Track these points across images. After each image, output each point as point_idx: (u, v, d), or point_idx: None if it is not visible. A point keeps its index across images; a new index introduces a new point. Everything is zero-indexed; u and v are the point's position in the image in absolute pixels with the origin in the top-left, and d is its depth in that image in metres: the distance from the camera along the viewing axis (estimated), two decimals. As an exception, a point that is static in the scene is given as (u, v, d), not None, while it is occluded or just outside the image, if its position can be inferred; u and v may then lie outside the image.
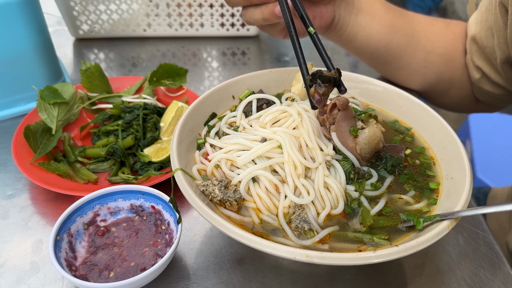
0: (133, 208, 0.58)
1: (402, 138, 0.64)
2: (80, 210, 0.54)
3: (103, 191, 0.56)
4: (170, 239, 0.54)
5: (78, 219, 0.54)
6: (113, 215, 0.57)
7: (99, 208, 0.56)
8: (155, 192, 0.56)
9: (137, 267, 0.51)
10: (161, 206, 0.56)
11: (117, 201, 0.57)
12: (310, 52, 1.12)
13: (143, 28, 1.10)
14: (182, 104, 0.75)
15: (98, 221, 0.56)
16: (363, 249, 0.47)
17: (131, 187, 0.57)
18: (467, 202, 0.49)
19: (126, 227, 0.56)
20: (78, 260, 0.52)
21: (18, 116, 0.81)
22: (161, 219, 0.56)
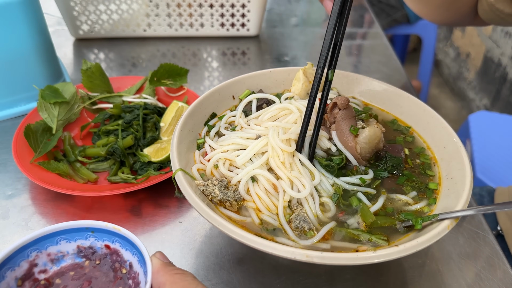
0: (81, 251, 0.45)
1: (403, 138, 0.64)
2: (10, 261, 0.40)
3: (38, 233, 0.42)
4: (135, 285, 0.42)
5: (8, 274, 0.40)
6: (56, 263, 0.44)
7: (36, 256, 0.43)
8: (108, 227, 0.43)
9: None
10: (118, 244, 0.44)
11: (59, 244, 0.44)
12: (310, 52, 1.12)
13: (143, 28, 1.10)
14: (182, 104, 0.75)
15: (36, 273, 0.43)
16: (363, 249, 0.47)
17: (75, 223, 0.43)
18: (467, 202, 0.49)
19: (74, 277, 0.44)
20: None
21: (18, 116, 0.81)
22: (120, 261, 0.44)
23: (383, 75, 1.03)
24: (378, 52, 1.13)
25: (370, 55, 1.12)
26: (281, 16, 1.30)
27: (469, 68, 2.56)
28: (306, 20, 1.31)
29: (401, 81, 1.01)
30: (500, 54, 2.22)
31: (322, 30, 1.25)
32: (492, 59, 2.30)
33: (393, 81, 1.00)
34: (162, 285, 0.38)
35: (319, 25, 1.29)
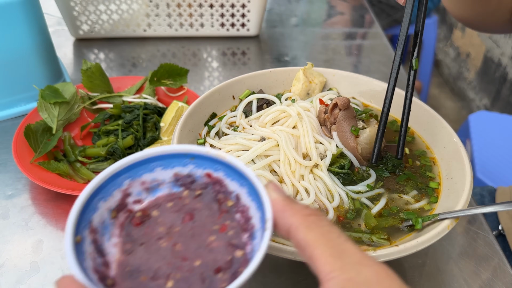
0: (179, 179, 0.39)
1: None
2: (102, 190, 0.35)
3: (131, 159, 0.36)
4: (245, 220, 0.35)
5: (101, 205, 0.35)
6: (151, 193, 0.38)
7: (129, 185, 0.37)
8: (211, 154, 0.36)
9: (207, 268, 0.32)
10: (221, 173, 0.37)
11: (154, 172, 0.38)
12: (310, 52, 1.12)
13: (143, 28, 1.10)
14: (182, 104, 0.75)
15: (130, 204, 0.37)
16: (363, 249, 0.47)
17: (172, 148, 0.37)
18: (467, 201, 0.49)
19: (173, 208, 0.37)
20: (112, 266, 0.33)
21: (18, 116, 0.81)
22: (225, 192, 0.38)
23: (383, 75, 1.03)
24: (378, 52, 1.13)
25: (370, 55, 1.12)
26: (281, 16, 1.30)
27: (469, 68, 2.56)
28: (306, 20, 1.31)
29: (401, 81, 1.01)
30: (500, 54, 2.22)
31: (322, 30, 1.25)
32: (492, 59, 2.30)
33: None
34: (294, 228, 0.29)
35: (319, 25, 1.29)
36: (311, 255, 0.28)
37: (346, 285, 0.25)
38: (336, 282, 0.26)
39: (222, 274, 0.32)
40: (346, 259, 0.27)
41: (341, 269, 0.26)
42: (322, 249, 0.27)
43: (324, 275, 0.27)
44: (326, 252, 0.27)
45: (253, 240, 0.34)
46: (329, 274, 0.26)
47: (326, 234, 0.28)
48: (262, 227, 0.32)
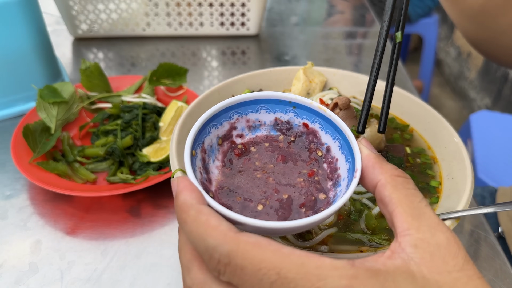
0: (278, 124, 0.42)
1: (400, 135, 0.64)
2: (215, 119, 0.40)
3: (242, 97, 0.40)
4: (332, 171, 0.39)
5: (212, 131, 0.40)
6: (252, 131, 0.42)
7: (237, 120, 0.42)
8: (313, 106, 0.40)
9: (291, 202, 0.36)
10: (318, 124, 0.41)
11: (259, 113, 0.42)
12: (310, 52, 1.12)
13: (142, 27, 1.10)
14: (181, 103, 0.75)
15: (234, 136, 0.42)
16: (364, 249, 0.47)
17: (279, 95, 0.41)
18: (468, 202, 0.49)
19: (269, 148, 0.41)
20: (213, 184, 0.38)
21: (17, 116, 0.81)
22: (317, 143, 0.41)
23: (383, 74, 1.02)
24: (378, 51, 1.12)
25: (370, 54, 1.12)
26: (281, 15, 1.30)
27: (470, 68, 2.56)
28: (306, 19, 1.30)
29: (402, 81, 1.00)
30: (501, 53, 2.21)
31: (323, 29, 1.24)
32: (493, 58, 2.29)
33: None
34: (381, 185, 0.32)
35: (320, 24, 1.28)
36: (392, 211, 0.30)
37: (419, 244, 0.28)
38: (410, 239, 0.28)
39: (305, 209, 0.36)
40: (423, 221, 0.29)
41: (417, 229, 0.28)
42: (403, 208, 0.30)
43: (400, 231, 0.29)
44: (407, 212, 0.29)
45: (336, 188, 0.37)
46: (405, 231, 0.29)
47: (410, 196, 0.31)
48: (348, 177, 0.36)
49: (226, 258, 0.26)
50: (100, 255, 0.57)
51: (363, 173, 0.34)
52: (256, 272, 0.26)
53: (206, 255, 0.27)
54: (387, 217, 0.32)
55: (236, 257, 0.26)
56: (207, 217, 0.28)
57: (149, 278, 0.54)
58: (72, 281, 0.54)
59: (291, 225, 0.31)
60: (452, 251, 0.28)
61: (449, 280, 0.26)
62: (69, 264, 0.56)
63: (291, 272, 0.26)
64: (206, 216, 0.28)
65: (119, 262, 0.56)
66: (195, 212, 0.29)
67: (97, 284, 0.53)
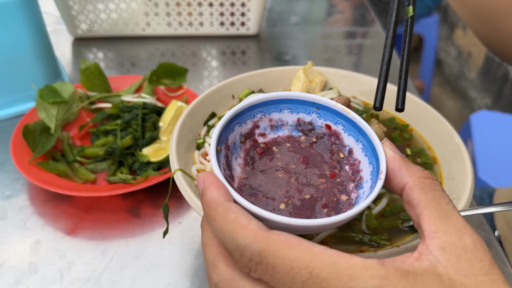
0: (300, 124, 0.42)
1: (398, 133, 0.64)
2: (240, 117, 0.40)
3: (266, 96, 0.40)
4: (354, 173, 0.39)
5: (236, 128, 0.40)
6: (274, 130, 0.43)
7: (260, 118, 0.42)
8: (337, 108, 0.40)
9: (314, 203, 0.36)
10: (341, 126, 0.41)
11: (282, 113, 0.42)
12: (310, 51, 1.12)
13: (142, 27, 1.10)
14: (181, 103, 0.74)
15: (256, 135, 0.42)
16: (364, 249, 0.47)
17: (303, 95, 0.41)
18: (469, 202, 0.49)
19: (290, 149, 0.41)
20: (235, 180, 0.38)
21: (16, 117, 0.81)
22: (339, 144, 0.41)
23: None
24: (379, 51, 1.12)
25: (370, 54, 1.12)
26: (281, 15, 1.30)
27: (471, 67, 2.55)
28: (306, 19, 1.30)
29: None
30: (501, 53, 2.21)
31: (323, 29, 1.24)
32: (493, 58, 2.29)
33: (394, 80, 0.99)
34: (409, 187, 0.32)
35: (320, 24, 1.28)
36: (420, 213, 0.30)
37: (446, 246, 0.28)
38: (438, 241, 0.28)
39: (328, 210, 0.36)
40: (450, 224, 0.29)
41: (444, 231, 0.29)
42: (431, 210, 0.30)
43: (428, 233, 0.29)
44: (435, 214, 0.30)
45: (359, 189, 0.37)
46: (433, 234, 0.29)
47: (438, 198, 0.31)
48: (372, 179, 0.36)
49: (257, 257, 0.26)
50: (100, 255, 0.57)
51: (390, 176, 0.34)
52: (288, 271, 0.26)
53: (237, 253, 0.27)
54: (414, 219, 0.32)
55: (267, 255, 0.26)
56: (236, 215, 0.28)
57: (149, 278, 0.54)
58: (72, 281, 0.53)
59: (317, 223, 0.30)
60: (478, 254, 0.28)
61: (474, 283, 0.27)
62: (69, 264, 0.56)
63: (323, 271, 0.26)
64: (235, 214, 0.28)
65: (119, 262, 0.56)
66: (223, 210, 0.29)
67: (97, 284, 0.53)
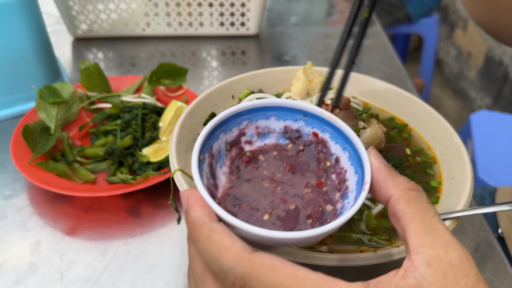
0: (287, 132, 0.42)
1: (396, 132, 0.64)
2: (224, 124, 0.40)
3: (252, 103, 0.40)
4: (340, 182, 0.38)
5: (221, 136, 0.40)
6: (261, 138, 0.42)
7: (246, 126, 0.41)
8: (324, 115, 0.39)
9: (299, 213, 0.36)
10: (328, 134, 0.40)
11: (269, 120, 0.41)
12: (310, 52, 1.12)
13: (142, 27, 1.10)
14: (181, 104, 0.74)
15: (242, 142, 0.42)
16: (364, 249, 0.47)
17: (289, 102, 0.40)
18: (468, 202, 0.49)
19: (277, 157, 0.41)
20: (219, 190, 0.38)
21: (16, 117, 0.81)
22: (326, 153, 0.40)
23: (383, 74, 1.02)
24: (378, 51, 1.12)
25: (370, 54, 1.12)
26: (281, 15, 1.30)
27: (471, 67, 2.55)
28: (306, 19, 1.30)
29: (402, 80, 1.00)
30: (501, 53, 2.21)
31: (323, 29, 1.24)
32: (493, 58, 2.29)
33: (394, 80, 0.99)
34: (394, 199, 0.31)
35: (320, 24, 1.28)
36: (405, 227, 0.30)
37: (431, 261, 0.28)
38: (423, 256, 0.28)
39: (312, 221, 0.35)
40: (436, 238, 0.29)
41: (430, 246, 0.28)
42: (416, 224, 0.29)
43: (413, 248, 0.29)
44: (420, 227, 0.29)
45: (344, 199, 0.37)
46: (418, 248, 0.28)
47: (423, 211, 0.30)
48: (357, 189, 0.35)
49: (241, 281, 0.26)
50: (100, 255, 0.57)
51: (375, 187, 0.34)
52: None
53: (221, 275, 0.27)
54: (400, 232, 0.31)
55: (251, 280, 0.26)
56: (220, 236, 0.28)
57: (149, 278, 0.54)
58: (71, 281, 0.53)
59: (296, 236, 0.30)
60: (464, 269, 0.28)
61: None
62: (69, 264, 0.56)
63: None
64: (219, 235, 0.28)
65: (119, 262, 0.56)
66: (207, 231, 0.29)
67: (97, 284, 0.53)
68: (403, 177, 0.33)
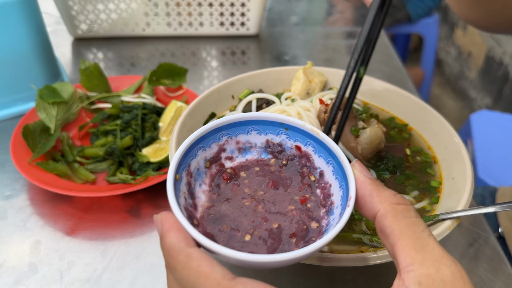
0: (269, 146, 0.41)
1: (396, 131, 0.64)
2: (203, 140, 0.38)
3: (231, 118, 0.38)
4: (325, 197, 0.37)
5: (200, 153, 0.38)
6: (242, 153, 0.41)
7: (226, 141, 0.40)
8: (306, 128, 0.38)
9: (282, 232, 0.34)
10: (311, 148, 0.39)
11: (250, 134, 0.40)
12: (310, 52, 1.12)
13: (142, 27, 1.10)
14: (181, 104, 0.74)
15: (223, 159, 0.40)
16: (364, 250, 0.47)
17: (270, 116, 0.39)
18: (468, 202, 0.49)
19: (259, 173, 0.39)
20: (198, 210, 0.36)
21: (16, 117, 0.81)
22: (310, 167, 0.39)
23: (383, 74, 1.02)
24: (378, 51, 1.12)
25: (370, 54, 1.12)
26: (281, 15, 1.30)
27: (471, 67, 2.55)
28: (306, 19, 1.30)
29: (402, 81, 1.00)
30: (501, 53, 2.21)
31: (323, 29, 1.24)
32: (493, 58, 2.29)
33: (394, 80, 0.99)
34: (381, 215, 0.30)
35: (320, 24, 1.28)
36: (394, 244, 0.29)
37: (423, 280, 0.26)
38: (414, 275, 0.27)
39: (296, 240, 0.34)
40: (427, 254, 0.27)
41: (421, 263, 0.27)
42: (406, 240, 0.28)
43: (403, 266, 0.27)
44: (410, 244, 0.28)
45: (329, 216, 0.35)
46: (409, 267, 0.27)
47: (412, 226, 0.29)
48: (342, 205, 0.33)
49: None
50: (100, 256, 0.57)
51: (361, 202, 0.32)
52: None
53: None
54: (389, 250, 0.30)
55: None
56: (198, 263, 0.27)
57: (149, 278, 0.54)
58: (71, 282, 0.53)
59: (278, 259, 0.29)
60: (457, 286, 0.27)
61: None
62: (69, 264, 0.56)
63: None
64: (197, 261, 0.27)
65: (119, 263, 0.56)
66: (184, 258, 0.27)
67: (97, 284, 0.53)
68: (390, 190, 0.32)
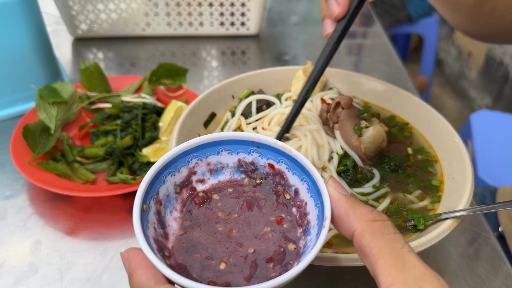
0: (242, 165, 0.40)
1: (399, 129, 0.64)
2: (171, 165, 0.37)
3: (201, 139, 0.37)
4: (301, 216, 0.36)
5: (168, 179, 0.37)
6: (214, 175, 0.40)
7: (196, 164, 0.39)
8: (278, 145, 0.37)
9: (259, 256, 0.33)
10: (284, 165, 0.38)
11: (220, 155, 0.39)
12: (310, 51, 1.12)
13: (142, 27, 1.09)
14: (181, 103, 0.74)
15: (194, 182, 0.39)
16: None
17: (241, 135, 0.38)
18: (469, 202, 0.49)
19: (233, 194, 0.38)
20: (170, 239, 0.35)
21: (16, 117, 0.81)
22: (284, 185, 0.38)
23: (384, 74, 1.02)
24: (379, 51, 1.12)
25: (370, 54, 1.12)
26: (281, 15, 1.30)
27: (471, 67, 2.55)
28: (306, 19, 1.30)
29: (402, 80, 1.00)
30: (501, 53, 2.21)
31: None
32: (493, 58, 2.29)
33: (394, 80, 0.99)
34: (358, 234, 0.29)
35: (320, 24, 1.28)
36: (373, 263, 0.28)
37: None
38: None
39: (273, 264, 0.33)
40: (408, 272, 0.27)
41: (403, 283, 0.26)
42: (385, 259, 0.27)
43: (385, 287, 0.27)
44: (389, 262, 0.27)
45: (307, 236, 0.34)
46: (391, 287, 0.26)
47: (391, 243, 0.28)
48: (318, 224, 0.32)
49: None
50: (100, 256, 0.57)
51: (337, 221, 0.31)
52: None
53: None
54: (369, 269, 0.29)
55: None
56: None
57: (149, 278, 0.54)
58: (71, 281, 0.53)
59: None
60: None
61: None
62: (69, 264, 0.56)
63: None
64: None
65: (119, 263, 0.56)
66: None
67: (97, 284, 0.53)
68: (366, 207, 0.31)
